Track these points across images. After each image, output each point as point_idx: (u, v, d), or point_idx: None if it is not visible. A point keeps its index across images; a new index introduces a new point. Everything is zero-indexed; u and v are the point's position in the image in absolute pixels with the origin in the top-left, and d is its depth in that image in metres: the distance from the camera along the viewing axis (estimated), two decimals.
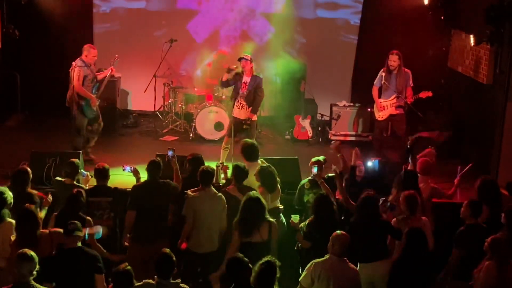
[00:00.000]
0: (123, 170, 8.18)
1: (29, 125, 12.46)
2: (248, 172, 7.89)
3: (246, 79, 10.04)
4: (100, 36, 13.18)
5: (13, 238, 6.56)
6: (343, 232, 6.46)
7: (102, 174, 7.78)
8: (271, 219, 7.11)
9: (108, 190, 7.77)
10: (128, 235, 7.58)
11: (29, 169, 7.68)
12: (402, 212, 7.28)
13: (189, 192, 7.52)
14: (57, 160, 9.04)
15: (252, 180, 8.04)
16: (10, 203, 6.85)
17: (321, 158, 8.22)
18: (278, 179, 7.98)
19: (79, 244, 6.31)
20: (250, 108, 10.06)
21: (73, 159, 8.14)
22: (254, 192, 7.25)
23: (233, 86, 10.21)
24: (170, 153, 8.00)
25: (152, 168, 7.65)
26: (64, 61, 11.45)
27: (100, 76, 10.43)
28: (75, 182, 7.94)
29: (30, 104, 13.00)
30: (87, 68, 10.05)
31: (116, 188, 7.90)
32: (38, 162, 9.06)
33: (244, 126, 10.31)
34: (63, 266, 6.18)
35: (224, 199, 7.57)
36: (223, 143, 10.24)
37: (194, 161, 8.06)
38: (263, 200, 7.09)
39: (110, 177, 7.87)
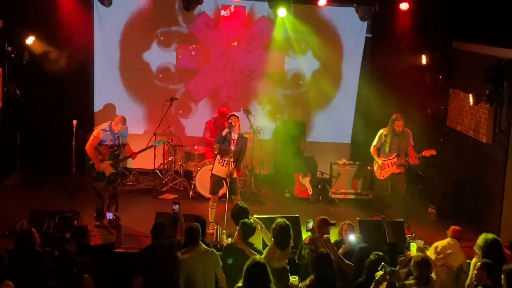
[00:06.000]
0: (107, 217, 8.47)
1: (28, 183, 12.38)
2: (256, 228, 7.90)
3: (235, 136, 10.05)
4: (100, 88, 13.22)
5: None
6: None
7: (79, 235, 7.73)
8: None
9: (88, 249, 7.69)
10: None
11: (33, 229, 7.65)
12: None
13: (179, 253, 7.38)
14: (56, 219, 8.97)
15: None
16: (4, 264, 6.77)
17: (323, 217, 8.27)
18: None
19: None
20: (234, 164, 10.05)
21: (67, 215, 8.26)
22: (259, 257, 6.82)
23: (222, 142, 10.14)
24: (175, 207, 8.18)
25: (157, 231, 7.59)
26: (63, 120, 11.48)
27: (133, 150, 10.53)
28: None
29: (29, 163, 12.95)
30: (110, 133, 10.13)
31: (95, 246, 7.94)
32: (37, 220, 9.08)
33: (224, 181, 10.14)
34: None
35: (216, 253, 7.48)
36: (210, 202, 10.20)
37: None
38: (268, 269, 6.53)
39: None
